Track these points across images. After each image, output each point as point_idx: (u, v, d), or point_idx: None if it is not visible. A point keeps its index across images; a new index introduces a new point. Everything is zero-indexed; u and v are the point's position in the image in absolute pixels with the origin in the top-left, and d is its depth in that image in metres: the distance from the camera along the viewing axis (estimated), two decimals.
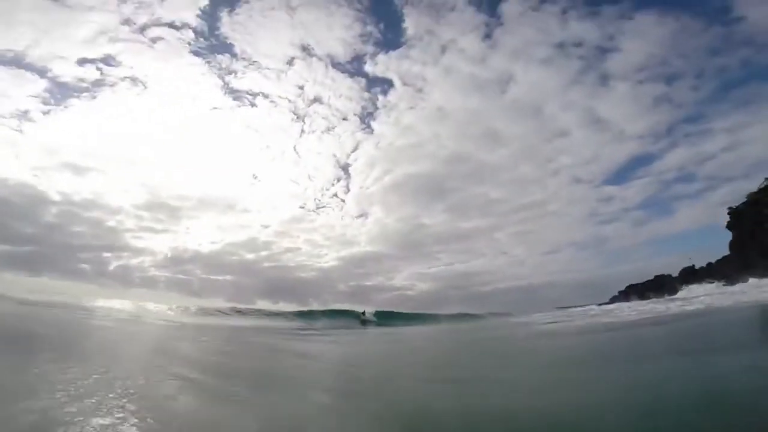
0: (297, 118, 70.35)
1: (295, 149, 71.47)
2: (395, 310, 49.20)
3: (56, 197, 53.54)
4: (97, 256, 55.28)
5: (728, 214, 40.54)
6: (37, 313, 15.83)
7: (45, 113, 54.41)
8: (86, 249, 55.34)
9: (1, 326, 11.26)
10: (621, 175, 77.60)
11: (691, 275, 41.06)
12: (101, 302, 29.13)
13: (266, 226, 66.91)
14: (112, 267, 53.79)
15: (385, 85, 79.92)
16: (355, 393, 6.26)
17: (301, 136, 71.73)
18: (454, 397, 5.57)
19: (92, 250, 55.64)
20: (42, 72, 52.53)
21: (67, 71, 53.78)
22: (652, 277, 46.10)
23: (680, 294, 35.60)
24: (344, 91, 68.88)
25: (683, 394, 4.96)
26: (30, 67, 54.19)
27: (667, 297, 34.75)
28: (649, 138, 68.20)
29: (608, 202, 72.13)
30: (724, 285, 34.59)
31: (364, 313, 46.91)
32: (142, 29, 55.29)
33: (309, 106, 68.78)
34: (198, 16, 57.83)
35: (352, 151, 71.38)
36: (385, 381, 7.18)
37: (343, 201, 71.46)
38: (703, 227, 60.75)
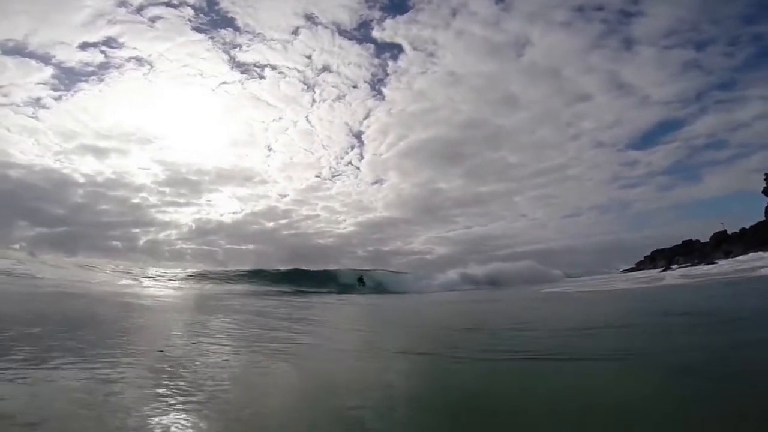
0: (307, 88, 67.87)
1: (307, 119, 69.46)
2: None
3: (81, 179, 56.46)
4: (126, 232, 58.75)
5: (765, 180, 40.44)
6: None
7: (56, 99, 55.39)
8: (115, 226, 61.65)
9: None
10: (646, 139, 77.48)
11: (723, 241, 41.23)
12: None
13: (284, 196, 67.93)
14: (141, 242, 57.61)
15: (395, 50, 76.57)
16: None
17: (312, 105, 69.66)
18: None
19: (121, 227, 61.47)
20: (46, 59, 52.93)
21: (71, 56, 54.30)
22: (679, 242, 46.22)
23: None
24: (353, 59, 66.18)
25: None
26: (33, 55, 54.22)
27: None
28: (676, 104, 66.59)
29: (632, 167, 71.42)
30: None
31: (361, 278, 41.79)
32: (139, 10, 55.63)
33: (318, 75, 66.36)
34: None
35: (365, 119, 69.58)
36: None
37: (358, 168, 70.74)
38: (732, 194, 60.60)
